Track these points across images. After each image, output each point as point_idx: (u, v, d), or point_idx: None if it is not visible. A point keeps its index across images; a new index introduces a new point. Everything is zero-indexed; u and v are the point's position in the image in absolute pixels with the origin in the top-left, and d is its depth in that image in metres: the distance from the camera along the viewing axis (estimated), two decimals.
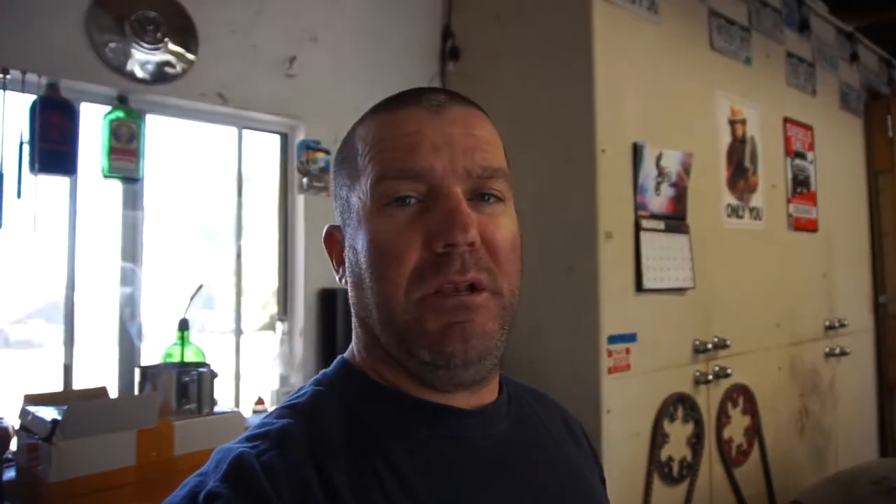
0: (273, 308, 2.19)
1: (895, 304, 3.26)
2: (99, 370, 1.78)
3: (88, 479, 1.12)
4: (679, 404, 2.15)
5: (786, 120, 2.81)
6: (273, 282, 2.16)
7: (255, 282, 2.12)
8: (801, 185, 2.88)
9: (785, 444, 2.63)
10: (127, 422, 1.18)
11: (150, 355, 1.79)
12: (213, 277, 2.05)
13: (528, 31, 2.21)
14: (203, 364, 1.46)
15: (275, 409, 0.58)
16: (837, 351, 2.94)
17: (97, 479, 1.13)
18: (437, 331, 0.52)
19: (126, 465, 1.17)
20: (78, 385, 1.65)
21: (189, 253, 2.11)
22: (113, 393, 1.63)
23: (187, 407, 1.34)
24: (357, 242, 0.56)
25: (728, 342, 2.32)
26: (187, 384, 1.33)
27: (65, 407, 1.16)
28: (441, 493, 0.52)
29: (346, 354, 0.62)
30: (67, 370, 1.67)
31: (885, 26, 3.41)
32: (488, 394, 0.60)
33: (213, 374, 1.40)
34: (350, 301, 0.59)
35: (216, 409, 1.40)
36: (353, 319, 0.61)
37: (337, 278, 0.62)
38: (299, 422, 0.53)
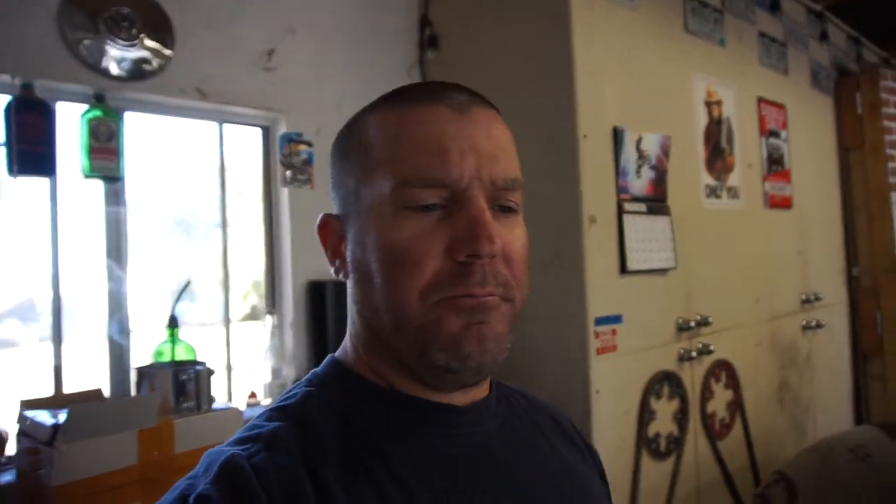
0: (254, 299, 2.19)
1: (868, 277, 3.36)
2: (88, 371, 1.77)
3: (91, 480, 1.13)
4: (665, 382, 2.20)
5: (760, 100, 2.87)
6: (255, 273, 2.16)
7: (235, 273, 2.11)
8: (775, 164, 2.94)
9: (766, 416, 2.71)
10: (128, 422, 1.18)
11: (140, 354, 1.79)
12: (194, 271, 2.04)
13: (507, 19, 2.21)
14: (199, 362, 1.46)
15: (264, 411, 0.56)
16: (814, 324, 3.03)
17: (100, 480, 1.14)
18: (456, 332, 0.51)
19: (128, 464, 1.17)
20: (68, 387, 1.65)
21: (172, 248, 2.10)
22: (106, 394, 1.63)
23: (186, 405, 1.34)
24: (367, 240, 0.54)
25: (710, 319, 2.38)
26: (185, 382, 1.34)
27: (65, 410, 1.16)
28: (438, 492, 0.52)
29: (337, 354, 0.61)
30: (57, 371, 1.66)
31: (853, 4, 3.48)
32: (480, 391, 0.59)
33: (210, 372, 1.41)
34: (350, 296, 0.58)
35: (214, 405, 1.41)
36: (352, 314, 0.59)
37: (332, 270, 0.60)
38: (290, 424, 0.52)
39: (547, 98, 2.06)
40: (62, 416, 1.15)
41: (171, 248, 2.09)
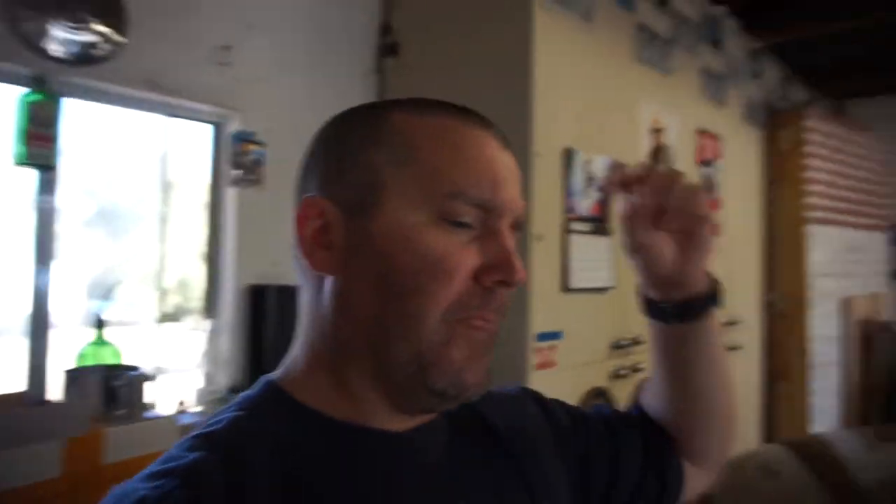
0: (182, 299, 2.11)
1: (782, 303, 3.58)
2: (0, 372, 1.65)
3: (12, 493, 1.05)
4: (599, 397, 2.27)
5: (698, 130, 3.01)
6: (187, 273, 2.08)
7: (169, 273, 2.02)
8: (707, 192, 3.10)
9: None
10: (57, 430, 1.11)
11: (63, 355, 1.69)
12: (122, 268, 1.95)
13: (469, 33, 2.23)
14: (132, 366, 1.39)
15: (185, 439, 0.51)
16: (732, 346, 3.21)
17: (19, 493, 1.06)
18: (460, 360, 0.51)
19: (52, 476, 1.10)
20: None
21: (99, 244, 1.99)
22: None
23: (118, 413, 1.27)
24: (397, 240, 0.50)
25: (641, 338, 2.48)
26: (117, 388, 1.27)
27: None
28: None
29: (272, 375, 0.56)
30: None
31: (786, 45, 3.70)
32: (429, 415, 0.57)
33: (145, 378, 1.34)
34: (330, 296, 0.53)
35: (147, 413, 1.34)
36: (318, 320, 0.54)
37: (302, 263, 0.54)
38: (214, 454, 0.47)
39: (504, 114, 2.07)
40: None
41: (98, 244, 1.99)
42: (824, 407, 3.59)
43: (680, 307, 0.65)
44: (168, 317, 1.99)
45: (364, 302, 0.51)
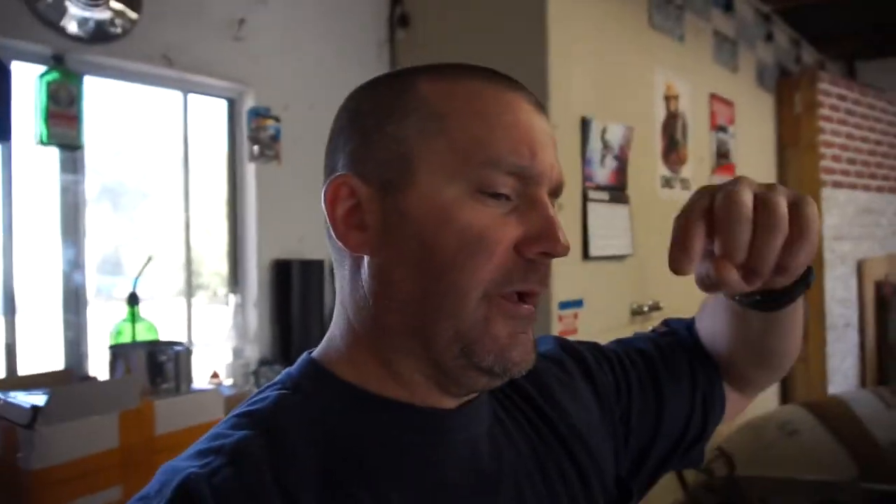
0: (202, 274, 2.14)
1: None
2: (38, 349, 1.69)
3: (72, 464, 1.08)
4: None
5: (712, 96, 2.99)
6: (216, 250, 2.10)
7: (182, 248, 2.03)
8: (722, 157, 3.09)
9: None
10: (108, 404, 1.14)
11: (97, 332, 1.72)
12: (143, 245, 1.97)
13: (480, 3, 2.22)
14: (176, 342, 1.42)
15: (229, 417, 0.50)
16: None
17: (81, 463, 1.10)
18: (504, 337, 0.49)
19: (109, 447, 1.13)
20: (21, 366, 1.57)
21: (128, 222, 2.02)
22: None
23: (164, 386, 1.30)
24: (432, 216, 0.48)
25: (661, 304, 2.50)
26: (163, 363, 1.30)
27: (42, 391, 1.11)
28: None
29: (315, 352, 0.55)
30: (10, 350, 1.58)
31: (795, 9, 3.66)
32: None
33: (189, 352, 1.37)
34: (368, 276, 0.50)
35: (193, 386, 1.37)
36: (356, 298, 0.52)
37: (337, 244, 0.52)
38: (259, 432, 0.46)
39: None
40: (40, 398, 1.10)
41: (123, 222, 2.01)
42: (842, 368, 3.62)
43: (762, 301, 0.55)
44: (195, 292, 2.02)
45: (404, 282, 0.49)
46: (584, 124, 2.19)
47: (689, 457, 0.69)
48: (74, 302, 1.68)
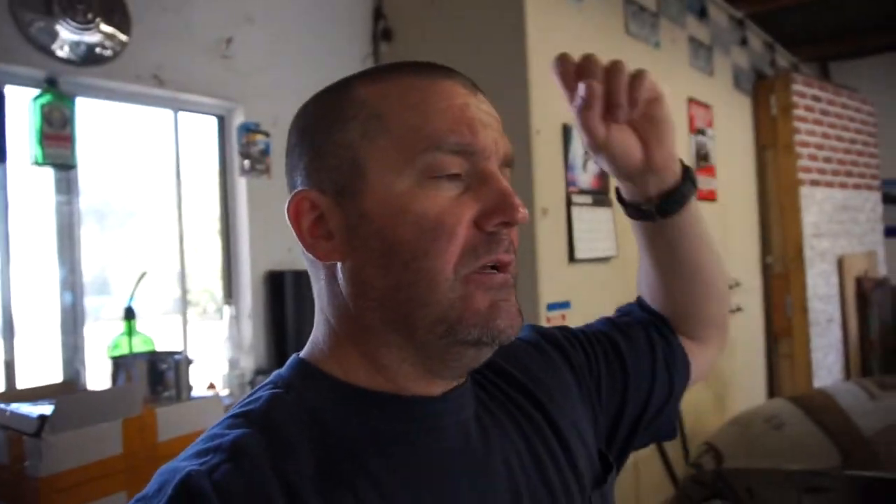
0: (196, 287, 2.17)
1: (779, 265, 3.67)
2: (36, 364, 1.72)
3: (78, 470, 1.12)
4: None
5: (690, 100, 3.08)
6: (210, 263, 2.14)
7: (176, 262, 2.06)
8: (702, 160, 3.17)
9: (692, 392, 2.92)
10: (112, 412, 1.17)
11: (93, 347, 1.75)
12: (137, 260, 2.00)
13: (461, 14, 2.28)
14: (176, 351, 1.46)
15: (224, 418, 0.51)
16: (734, 308, 3.29)
17: (87, 469, 1.13)
18: (485, 308, 0.51)
19: (114, 454, 1.17)
20: (20, 381, 1.60)
21: (123, 238, 2.05)
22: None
23: (165, 394, 1.34)
24: (388, 212, 0.50)
25: None
26: (163, 372, 1.34)
27: (48, 401, 1.14)
28: (422, 493, 0.50)
29: (302, 353, 0.56)
30: (9, 366, 1.61)
31: (768, 13, 3.77)
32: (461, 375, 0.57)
33: (189, 361, 1.41)
34: (345, 281, 0.52)
35: (192, 394, 1.41)
36: (335, 303, 0.54)
37: (308, 256, 0.54)
38: (256, 431, 0.48)
39: (501, 94, 2.13)
40: (47, 408, 1.13)
41: (117, 238, 2.04)
42: (826, 363, 3.70)
43: (661, 203, 0.64)
44: (189, 305, 2.06)
45: (377, 279, 0.51)
46: (566, 131, 2.25)
47: (659, 425, 0.73)
48: (71, 320, 1.72)
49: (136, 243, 2.07)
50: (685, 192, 0.65)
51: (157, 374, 1.36)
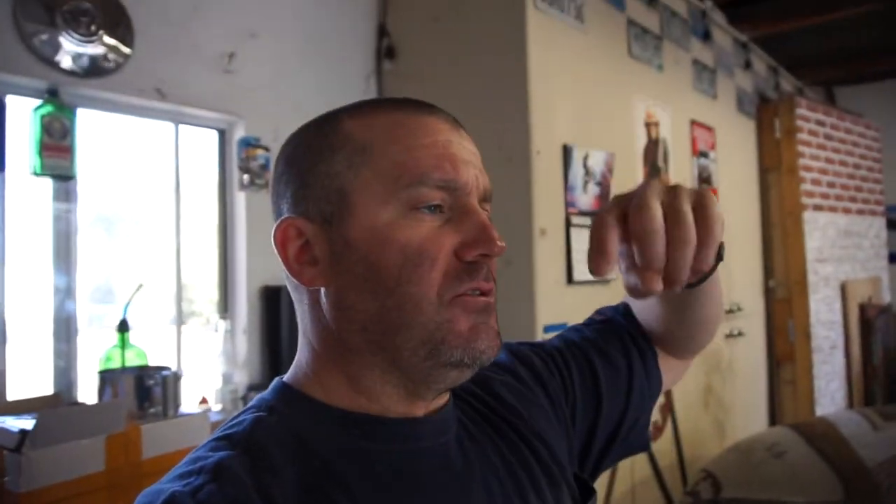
0: (192, 301, 2.16)
1: (782, 289, 3.64)
2: (29, 375, 1.71)
3: (59, 487, 1.10)
4: None
5: (692, 122, 3.07)
6: (206, 276, 2.13)
7: (172, 275, 2.06)
8: (704, 182, 3.16)
9: (692, 418, 2.90)
10: (96, 428, 1.16)
11: (86, 359, 1.74)
12: (134, 273, 2.00)
13: (464, 34, 2.29)
14: (164, 367, 1.44)
15: (206, 442, 0.52)
16: (736, 332, 3.26)
17: (68, 486, 1.11)
18: (467, 331, 0.53)
19: (96, 470, 1.15)
20: (10, 392, 1.58)
21: (119, 249, 2.05)
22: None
23: (152, 410, 1.33)
24: (375, 239, 0.52)
25: None
26: (151, 387, 1.32)
27: (30, 416, 1.13)
28: None
29: (285, 377, 0.58)
30: (0, 376, 1.59)
31: (772, 37, 3.78)
32: (442, 397, 0.58)
33: (178, 377, 1.40)
34: (329, 306, 0.54)
35: (181, 411, 1.40)
36: (318, 328, 0.55)
37: (293, 281, 0.56)
38: (239, 452, 0.49)
39: (502, 113, 2.15)
40: (28, 422, 1.12)
41: (114, 250, 2.04)
42: (829, 390, 3.65)
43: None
44: (186, 319, 2.05)
45: (361, 304, 0.53)
46: (566, 151, 2.25)
47: (632, 440, 0.74)
48: (65, 329, 1.71)
49: (137, 253, 2.07)
50: (710, 272, 0.59)
51: (144, 389, 1.34)
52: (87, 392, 1.61)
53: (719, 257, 0.58)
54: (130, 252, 2.07)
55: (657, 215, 0.47)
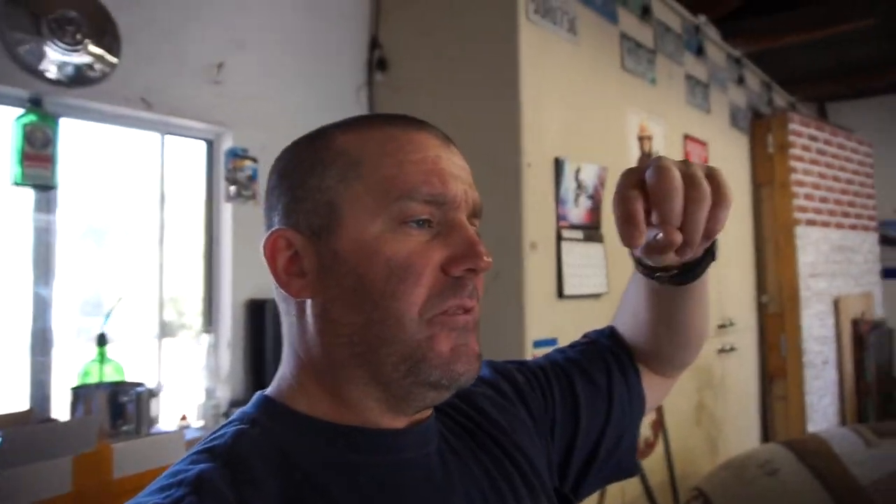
0: (175, 314, 2.12)
1: (775, 304, 3.63)
2: (2, 390, 1.66)
3: None
4: None
5: (685, 136, 3.06)
6: (189, 289, 2.10)
7: (155, 288, 2.02)
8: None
9: (684, 434, 2.87)
10: (64, 447, 1.12)
11: (65, 373, 1.70)
12: (116, 285, 1.96)
13: (455, 47, 2.28)
14: (138, 383, 1.41)
15: (187, 455, 0.52)
16: (728, 347, 3.24)
17: None
18: (447, 352, 0.53)
19: (62, 492, 1.11)
20: None
21: (99, 262, 2.01)
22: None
23: (124, 428, 1.29)
24: (362, 253, 0.53)
25: None
26: (124, 404, 1.28)
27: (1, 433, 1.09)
28: None
29: (267, 391, 0.58)
30: None
31: (765, 53, 3.79)
32: (424, 411, 0.59)
33: (151, 394, 1.36)
34: (314, 318, 0.54)
35: (154, 428, 1.36)
36: (305, 340, 0.55)
37: (282, 292, 0.56)
38: (220, 465, 0.48)
39: (494, 125, 2.13)
40: None
41: (96, 262, 2.00)
42: (821, 406, 3.63)
43: (678, 274, 0.62)
44: (167, 332, 2.01)
45: (346, 316, 0.53)
46: (558, 165, 2.23)
47: (619, 462, 0.73)
48: (42, 343, 1.67)
49: (122, 265, 2.03)
50: (705, 265, 0.63)
51: (118, 406, 1.30)
52: (62, 407, 1.57)
53: (712, 255, 0.62)
54: (119, 264, 2.04)
55: (677, 175, 0.51)
